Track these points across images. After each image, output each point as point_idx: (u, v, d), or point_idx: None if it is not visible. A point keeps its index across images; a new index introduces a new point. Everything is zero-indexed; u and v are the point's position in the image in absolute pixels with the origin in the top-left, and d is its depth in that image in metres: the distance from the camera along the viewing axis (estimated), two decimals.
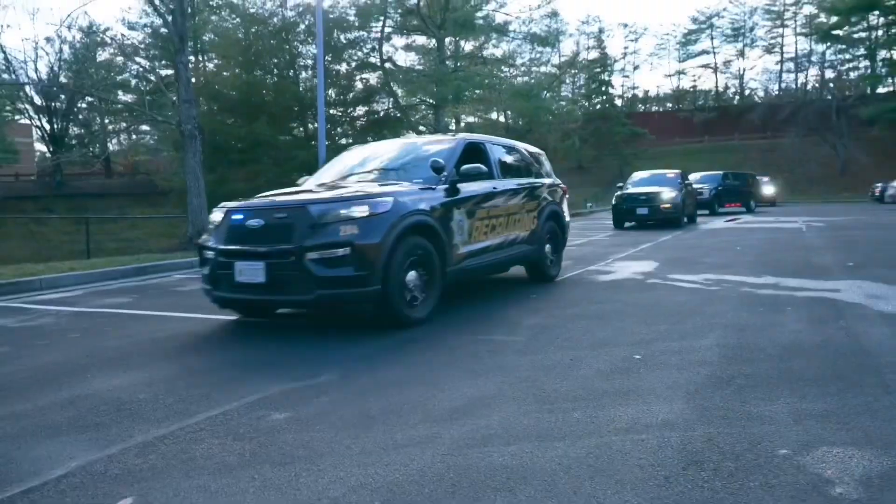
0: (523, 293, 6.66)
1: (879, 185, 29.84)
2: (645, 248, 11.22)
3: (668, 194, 16.53)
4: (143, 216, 24.30)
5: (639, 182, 18.66)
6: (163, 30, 25.55)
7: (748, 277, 7.14)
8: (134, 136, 40.50)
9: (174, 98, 15.70)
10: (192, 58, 16.46)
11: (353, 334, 4.86)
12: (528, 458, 2.50)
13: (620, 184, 19.19)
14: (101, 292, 7.88)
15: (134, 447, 2.74)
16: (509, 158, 7.25)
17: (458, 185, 5.74)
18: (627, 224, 17.15)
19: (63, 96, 31.88)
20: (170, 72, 25.42)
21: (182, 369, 4.05)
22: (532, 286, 7.09)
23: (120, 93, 32.08)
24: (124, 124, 33.77)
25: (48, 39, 36.45)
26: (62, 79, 30.79)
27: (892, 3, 40.59)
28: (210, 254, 5.12)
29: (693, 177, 22.03)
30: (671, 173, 18.62)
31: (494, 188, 6.39)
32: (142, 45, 30.54)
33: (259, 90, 21.26)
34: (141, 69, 29.56)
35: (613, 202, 17.54)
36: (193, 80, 15.22)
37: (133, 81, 33.70)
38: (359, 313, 5.35)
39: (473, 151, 6.42)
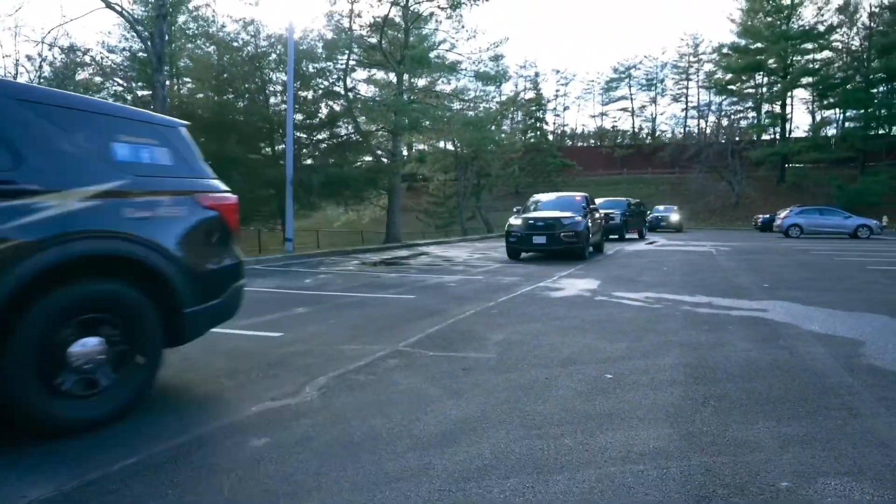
0: (483, 309, 6.29)
1: (760, 216, 31.57)
2: (583, 266, 11.09)
3: (569, 221, 12.27)
4: None
5: (541, 205, 14.01)
6: (141, 54, 24.27)
7: (684, 296, 7.01)
8: None
9: None
10: (167, 81, 15.50)
11: (330, 354, 4.37)
12: (531, 493, 2.11)
13: (519, 206, 14.38)
14: None
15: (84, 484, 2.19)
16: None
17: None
18: (525, 255, 12.96)
19: None
20: (146, 92, 24.11)
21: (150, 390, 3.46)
22: (491, 302, 6.74)
23: None
24: None
25: (29, 57, 34.07)
26: None
27: (775, 66, 43.24)
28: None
29: (599, 201, 20.60)
30: (577, 196, 14.11)
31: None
32: (119, 67, 28.93)
33: (230, 112, 20.30)
34: (119, 89, 27.99)
35: (507, 228, 12.87)
36: (168, 100, 14.31)
37: (110, 100, 31.88)
38: None
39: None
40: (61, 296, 2.52)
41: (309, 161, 21.89)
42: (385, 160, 23.53)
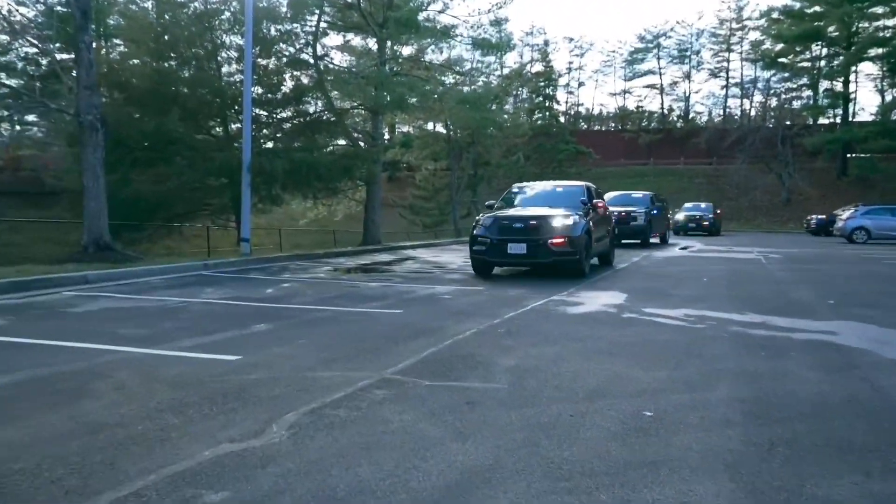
0: (488, 328, 6.22)
1: (814, 217, 31.43)
2: (606, 276, 11.07)
3: (560, 222, 10.28)
4: (27, 219, 22.50)
5: (525, 199, 12.24)
6: (60, 8, 24.01)
7: (731, 314, 6.99)
8: (18, 127, 37.80)
9: (71, 85, 14.55)
10: (94, 42, 15.29)
11: (296, 379, 4.27)
12: None
13: (492, 201, 12.64)
14: None
15: None
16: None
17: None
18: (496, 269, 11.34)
19: None
20: (67, 56, 23.82)
21: (76, 425, 3.35)
22: (496, 319, 6.68)
23: (2, 76, 29.88)
24: (6, 112, 31.35)
25: None
26: None
27: (836, 34, 43.34)
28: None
29: (612, 195, 20.11)
30: (576, 186, 12.50)
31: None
32: (33, 24, 28.59)
33: (173, 82, 20.07)
34: (32, 51, 27.65)
35: (471, 230, 11.18)
36: (95, 66, 14.11)
37: (20, 64, 31.51)
38: None
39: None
40: None
41: (270, 144, 21.73)
42: (363, 144, 23.41)
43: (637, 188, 33.46)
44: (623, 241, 18.56)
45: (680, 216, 29.29)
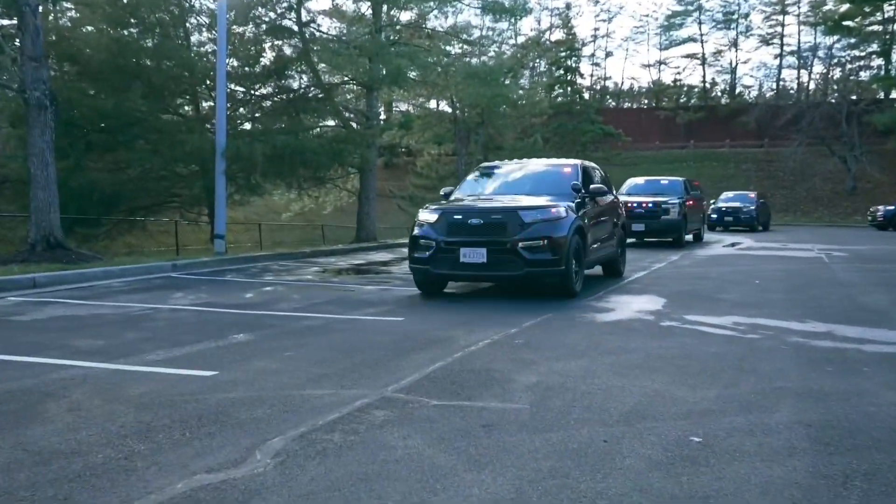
0: (503, 339, 6.21)
1: (881, 208, 31.20)
2: (640, 278, 11.05)
3: (540, 216, 8.64)
4: None
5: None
6: None
7: (790, 323, 6.96)
8: None
9: (14, 56, 14.60)
10: (40, 6, 15.30)
11: (282, 396, 4.26)
12: None
13: (449, 187, 11.07)
14: None
15: None
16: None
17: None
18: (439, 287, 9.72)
19: None
20: (9, 22, 23.88)
21: (23, 453, 3.34)
22: (513, 328, 6.66)
23: None
24: None
25: None
26: None
27: None
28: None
29: (632, 184, 20.78)
30: (566, 167, 10.47)
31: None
32: None
33: (134, 53, 20.07)
34: None
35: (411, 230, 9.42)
36: (42, 35, 14.14)
37: None
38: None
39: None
40: None
41: (248, 125, 21.77)
42: (355, 125, 23.44)
43: (676, 175, 33.31)
44: (645, 240, 18.33)
45: (714, 208, 28.27)
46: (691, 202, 19.33)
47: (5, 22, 23.88)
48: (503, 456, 3.30)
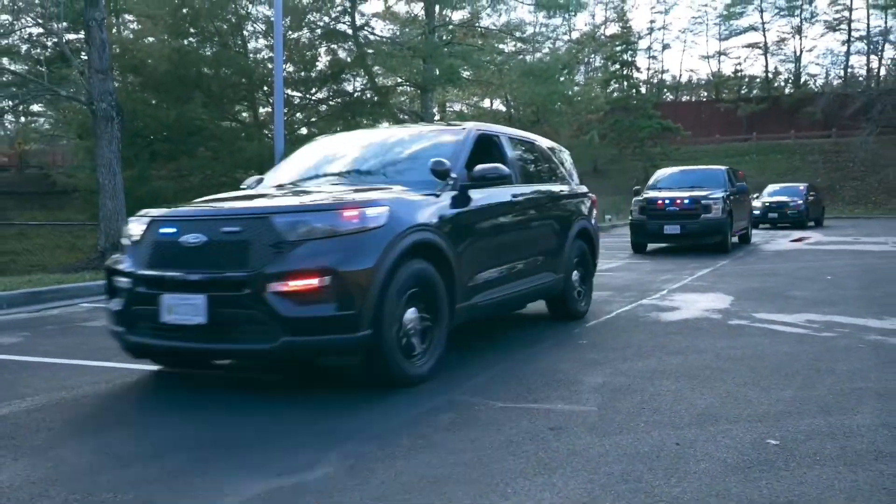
0: (567, 338, 6.17)
1: None
2: (704, 276, 10.84)
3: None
4: (35, 223, 23.49)
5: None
6: None
7: (867, 320, 6.74)
8: (23, 119, 39.46)
9: (82, 69, 15.11)
10: (105, 19, 15.83)
11: (347, 399, 4.31)
12: None
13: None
14: None
15: None
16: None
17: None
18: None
19: None
20: (76, 37, 24.76)
21: (102, 455, 3.45)
22: (576, 328, 6.62)
23: (5, 60, 31.23)
24: (11, 102, 32.70)
25: None
26: None
27: None
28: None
29: (667, 174, 19.34)
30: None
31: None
32: (36, 1, 29.80)
33: (194, 62, 20.65)
34: (37, 32, 28.79)
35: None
36: (108, 47, 14.61)
37: (24, 47, 32.90)
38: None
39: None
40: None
41: (305, 130, 22.12)
42: None
43: (738, 169, 32.42)
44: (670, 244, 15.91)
45: (758, 203, 25.42)
46: (737, 197, 16.29)
47: (72, 36, 24.79)
48: (572, 459, 3.27)
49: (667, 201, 14.99)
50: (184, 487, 3.02)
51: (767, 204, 25.77)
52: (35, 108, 35.42)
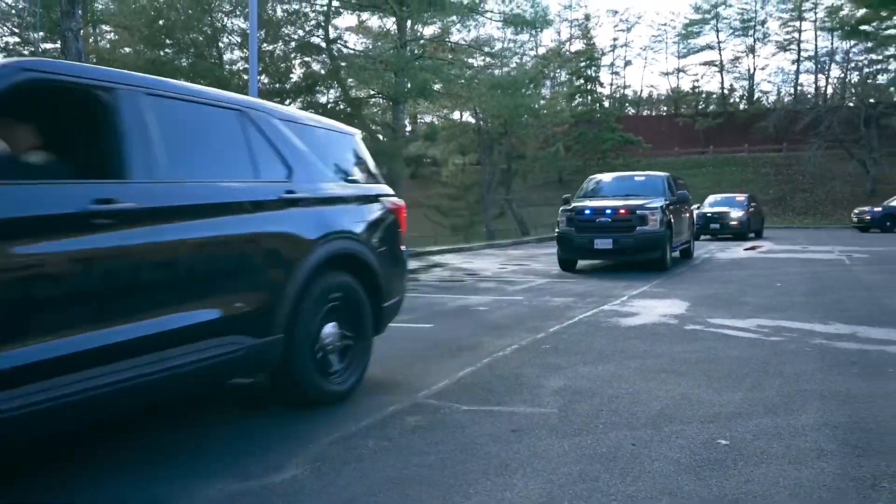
0: (530, 343, 6.19)
1: (867, 209, 30.42)
2: (660, 283, 10.95)
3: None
4: None
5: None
6: None
7: (813, 325, 6.85)
8: None
9: None
10: (81, 29, 15.58)
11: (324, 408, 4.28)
12: None
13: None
14: None
15: None
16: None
17: None
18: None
19: None
20: (52, 46, 24.38)
21: (79, 457, 3.39)
22: (538, 332, 6.63)
23: None
24: None
25: None
26: None
27: None
28: None
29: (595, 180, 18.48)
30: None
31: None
32: (13, 10, 29.33)
33: (170, 72, 20.42)
34: (13, 41, 28.31)
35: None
36: (84, 56, 14.39)
37: (0, 56, 32.32)
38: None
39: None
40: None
41: None
42: (382, 138, 23.55)
43: (695, 181, 32.72)
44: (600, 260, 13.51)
45: (699, 214, 23.65)
46: (678, 207, 14.03)
47: (49, 46, 24.40)
48: (533, 461, 3.28)
49: (597, 212, 12.63)
50: (151, 490, 2.97)
51: (709, 214, 24.49)
52: None
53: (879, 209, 29.50)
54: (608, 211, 12.55)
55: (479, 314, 8.05)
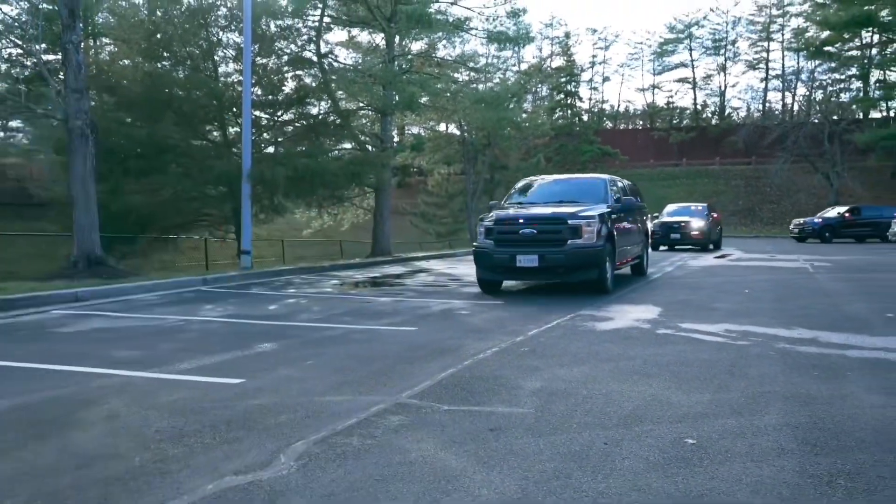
0: (510, 346, 6.20)
1: (803, 220, 30.72)
2: (634, 289, 11.01)
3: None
4: (12, 233, 22.77)
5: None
6: (45, 5, 24.39)
7: (778, 330, 6.91)
8: (1, 134, 38.37)
9: (59, 88, 14.74)
10: (82, 42, 15.49)
11: (300, 401, 4.26)
12: None
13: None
14: None
15: None
16: None
17: None
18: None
19: None
20: (54, 58, 24.18)
21: (67, 457, 3.36)
22: (519, 335, 6.65)
23: None
24: None
25: None
26: None
27: (889, 19, 42.90)
28: None
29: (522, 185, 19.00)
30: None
31: None
32: (16, 23, 29.04)
33: (166, 84, 20.28)
34: (16, 52, 28.03)
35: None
36: (84, 68, 14.29)
37: (3, 66, 32.03)
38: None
39: None
40: None
41: (271, 149, 21.87)
42: (371, 148, 23.51)
43: (669, 192, 32.93)
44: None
45: (658, 223, 23.03)
46: (623, 216, 11.43)
47: (50, 57, 24.20)
48: (509, 458, 3.29)
49: (520, 221, 10.05)
50: (142, 487, 2.96)
51: (670, 224, 23.14)
52: (13, 124, 34.47)
53: (819, 220, 29.87)
54: (533, 220, 9.96)
55: (461, 318, 8.06)
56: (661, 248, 22.94)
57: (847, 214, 29.56)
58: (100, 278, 11.64)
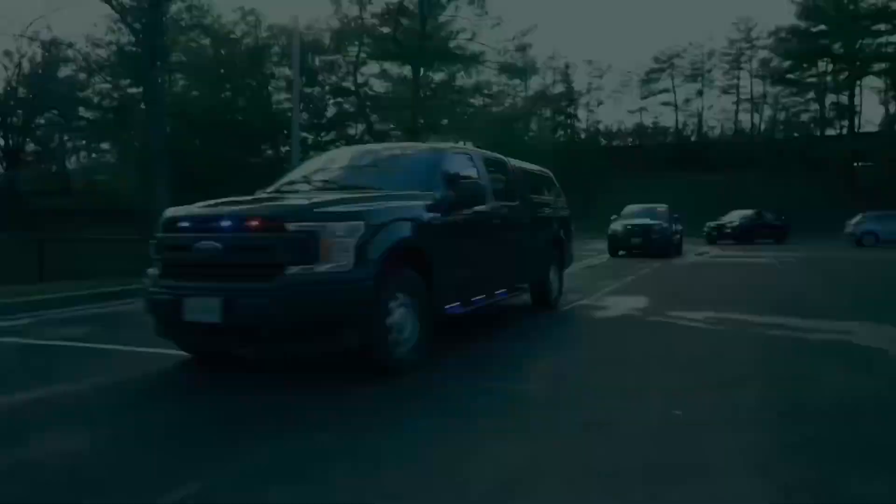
0: (522, 329, 6.16)
1: (714, 223, 28.16)
2: (630, 282, 10.90)
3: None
4: (106, 238, 23.07)
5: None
6: (130, 47, 24.74)
7: (751, 316, 6.79)
8: (94, 154, 39.02)
9: (141, 117, 14.93)
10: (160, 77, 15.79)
11: (340, 383, 4.26)
12: None
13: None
14: (54, 321, 7.03)
15: None
16: None
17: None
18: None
19: (20, 111, 30.40)
20: (136, 90, 24.53)
21: (161, 425, 3.39)
22: (531, 320, 6.61)
23: (81, 109, 30.79)
24: (84, 141, 32.22)
25: (7, 53, 34.81)
26: (20, 94, 29.41)
27: (841, 51, 42.57)
28: None
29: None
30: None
31: None
32: (106, 62, 29.53)
33: (229, 110, 20.59)
34: (106, 86, 28.48)
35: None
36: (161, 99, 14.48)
37: (96, 99, 32.56)
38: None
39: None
40: None
41: None
42: None
43: (661, 201, 32.15)
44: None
45: (617, 226, 17.88)
46: (476, 216, 5.49)
47: (134, 90, 24.58)
48: (522, 428, 3.27)
49: (198, 226, 4.19)
50: (224, 451, 2.97)
51: (630, 227, 17.62)
52: (104, 146, 35.03)
53: (736, 223, 27.65)
54: (223, 224, 4.01)
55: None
56: (620, 253, 17.57)
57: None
58: None
